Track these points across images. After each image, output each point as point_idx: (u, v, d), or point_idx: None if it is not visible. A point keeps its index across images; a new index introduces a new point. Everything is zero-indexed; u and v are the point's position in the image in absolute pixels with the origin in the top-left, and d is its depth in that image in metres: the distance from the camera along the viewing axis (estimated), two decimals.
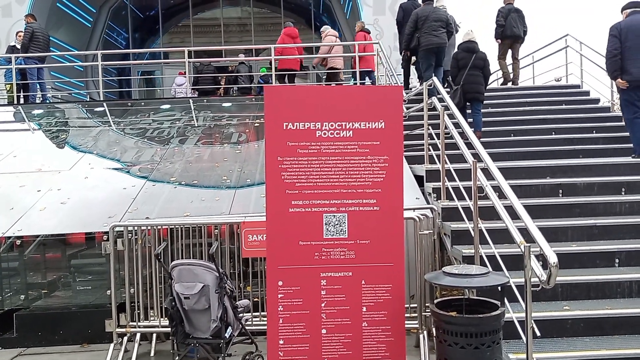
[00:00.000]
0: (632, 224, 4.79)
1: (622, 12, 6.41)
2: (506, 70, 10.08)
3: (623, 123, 6.72)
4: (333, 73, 10.80)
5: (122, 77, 18.31)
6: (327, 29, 11.31)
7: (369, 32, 11.05)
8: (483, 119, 7.57)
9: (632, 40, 6.04)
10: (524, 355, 3.23)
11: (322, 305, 3.57)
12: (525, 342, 3.23)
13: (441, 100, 5.71)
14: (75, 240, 5.52)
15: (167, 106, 9.98)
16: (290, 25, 11.21)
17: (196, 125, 8.75)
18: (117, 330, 4.67)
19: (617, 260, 4.45)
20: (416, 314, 4.52)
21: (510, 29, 9.62)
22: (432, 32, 8.43)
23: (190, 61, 11.03)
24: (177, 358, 4.01)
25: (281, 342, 3.54)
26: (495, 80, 11.97)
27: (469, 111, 7.65)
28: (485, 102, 7.86)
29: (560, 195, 5.30)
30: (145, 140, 8.09)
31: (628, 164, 5.87)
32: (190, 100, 10.03)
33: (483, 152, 4.34)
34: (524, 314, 3.24)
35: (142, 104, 10.41)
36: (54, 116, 9.46)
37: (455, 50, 8.16)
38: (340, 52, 10.79)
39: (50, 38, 11.88)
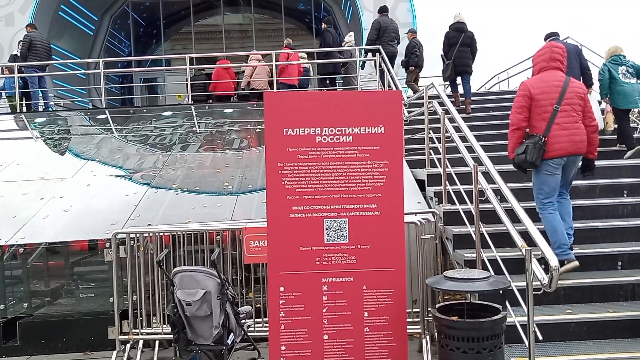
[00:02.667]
0: (634, 227, 4.78)
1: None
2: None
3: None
4: (258, 94, 11.18)
5: (124, 84, 18.38)
6: (252, 53, 11.90)
7: (292, 48, 11.39)
8: (486, 122, 7.67)
9: None
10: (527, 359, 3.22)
11: (324, 310, 3.56)
12: (527, 346, 3.21)
13: (442, 104, 5.71)
14: (78, 247, 5.54)
15: (169, 113, 10.01)
16: (223, 59, 11.71)
17: (198, 131, 8.78)
18: (120, 337, 4.68)
19: (619, 263, 4.44)
20: (419, 319, 4.52)
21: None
22: (389, 42, 9.85)
23: (192, 68, 11.05)
24: None
25: (283, 348, 3.54)
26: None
27: (459, 84, 8.84)
28: (483, 105, 8.15)
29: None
30: (147, 147, 8.11)
31: (629, 166, 5.86)
32: (192, 106, 10.05)
33: (484, 156, 4.34)
34: (526, 318, 3.23)
35: (144, 110, 10.44)
36: (56, 124, 9.51)
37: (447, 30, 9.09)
38: (262, 74, 11.17)
39: (53, 46, 11.95)
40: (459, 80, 8.99)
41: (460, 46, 8.74)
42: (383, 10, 10.53)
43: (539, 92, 4.33)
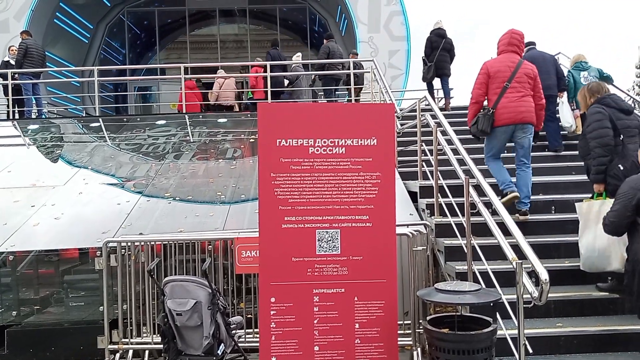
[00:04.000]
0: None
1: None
2: None
3: None
4: (226, 107, 11.80)
5: (118, 93, 18.37)
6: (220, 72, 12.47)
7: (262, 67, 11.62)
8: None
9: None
10: None
11: (315, 322, 3.56)
12: (518, 359, 3.22)
13: (434, 117, 5.75)
14: (69, 255, 5.50)
15: (162, 122, 10.01)
16: (189, 80, 12.17)
17: (191, 140, 8.78)
18: (110, 346, 4.65)
19: (610, 277, 4.46)
20: (410, 331, 4.51)
21: None
22: (336, 65, 10.87)
23: (187, 77, 11.08)
24: None
25: (274, 359, 3.52)
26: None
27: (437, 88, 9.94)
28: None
29: (553, 211, 5.33)
30: (141, 155, 8.10)
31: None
32: (186, 116, 10.06)
33: (475, 169, 4.38)
34: (516, 331, 3.24)
35: (138, 119, 10.44)
36: (49, 131, 9.49)
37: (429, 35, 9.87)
38: (230, 88, 11.74)
39: (47, 54, 11.94)
40: (437, 83, 10.12)
41: (441, 50, 9.58)
42: (330, 37, 11.61)
43: (495, 71, 5.14)
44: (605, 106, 4.39)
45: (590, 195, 4.59)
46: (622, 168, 4.22)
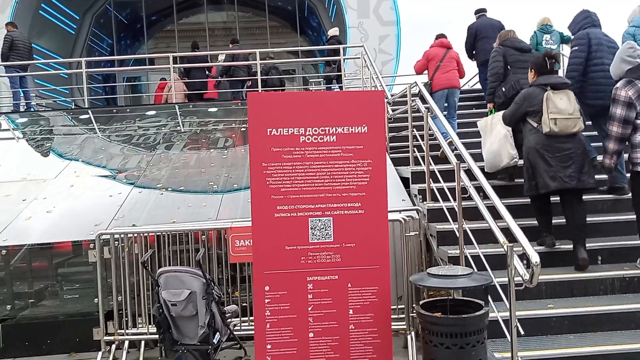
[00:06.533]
0: (614, 222, 4.86)
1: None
2: None
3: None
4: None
5: (107, 84, 18.18)
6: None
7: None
8: (469, 120, 7.80)
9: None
10: (509, 354, 3.28)
11: (309, 309, 3.59)
12: (509, 340, 3.27)
13: (425, 102, 5.76)
14: (62, 248, 5.49)
15: (152, 112, 9.94)
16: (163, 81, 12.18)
17: (182, 130, 8.73)
18: (105, 338, 4.66)
19: (599, 258, 4.52)
20: (404, 315, 4.56)
21: None
22: (242, 68, 11.07)
23: (176, 67, 10.98)
24: None
25: (269, 346, 3.56)
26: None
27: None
28: (466, 103, 9.08)
29: None
30: (131, 146, 8.06)
31: None
32: (176, 105, 9.99)
33: (465, 153, 4.40)
34: (508, 313, 3.29)
35: (128, 110, 10.35)
36: (38, 124, 9.39)
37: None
38: (179, 90, 11.53)
39: (34, 45, 11.79)
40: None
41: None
42: (235, 41, 11.85)
43: (432, 55, 7.72)
44: (503, 46, 5.81)
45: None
46: (504, 90, 5.58)
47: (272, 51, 13.08)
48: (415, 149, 5.92)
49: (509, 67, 5.67)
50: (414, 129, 5.95)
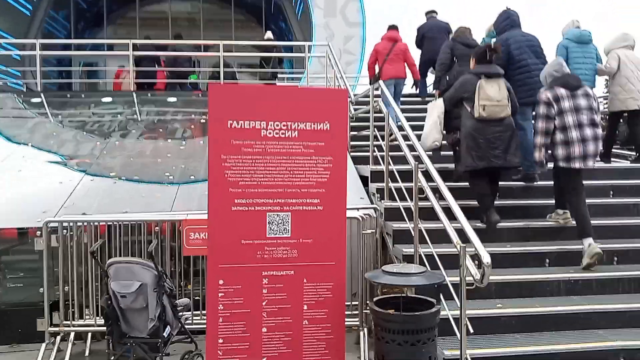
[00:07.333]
0: (562, 226, 5.03)
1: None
2: None
3: None
4: None
5: (62, 67, 17.52)
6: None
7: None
8: None
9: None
10: (458, 352, 3.34)
11: (263, 303, 3.56)
12: (459, 338, 3.34)
13: (387, 103, 5.82)
14: (7, 235, 5.26)
15: (108, 99, 9.66)
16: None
17: (139, 119, 8.51)
18: (50, 329, 4.51)
19: (547, 261, 4.68)
20: (357, 312, 4.59)
21: None
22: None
23: (135, 54, 10.68)
24: (112, 358, 3.90)
25: (220, 340, 3.50)
26: None
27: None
28: (424, 106, 8.97)
29: (498, 197, 5.50)
30: (85, 133, 7.80)
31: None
32: (134, 93, 9.73)
33: (424, 155, 4.46)
34: (458, 312, 3.35)
35: (82, 95, 10.02)
36: None
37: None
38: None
39: None
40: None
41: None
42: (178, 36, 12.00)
43: (381, 49, 8.59)
44: (454, 41, 6.27)
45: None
46: (447, 78, 6.05)
47: (237, 44, 12.87)
48: (375, 148, 5.97)
49: (455, 59, 6.12)
50: (375, 129, 6.00)
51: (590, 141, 4.63)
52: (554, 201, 5.16)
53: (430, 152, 5.47)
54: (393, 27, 8.78)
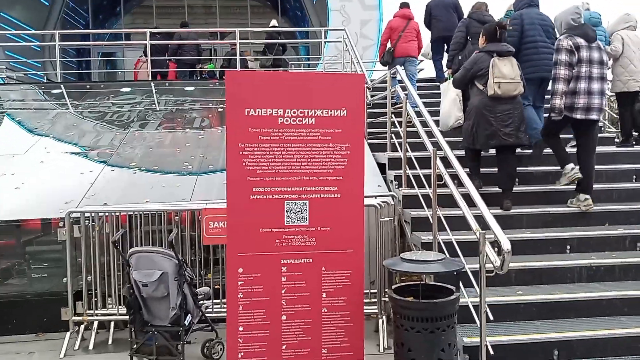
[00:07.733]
0: (583, 212, 4.96)
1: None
2: None
3: None
4: None
5: (81, 58, 17.70)
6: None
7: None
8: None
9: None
10: (478, 339, 3.33)
11: (282, 291, 3.59)
12: (479, 325, 3.32)
13: (404, 88, 5.75)
14: (30, 226, 5.35)
15: (127, 89, 9.72)
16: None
17: (157, 109, 8.56)
18: (74, 318, 4.59)
19: (568, 247, 4.62)
20: (376, 299, 4.59)
21: None
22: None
23: (153, 43, 10.73)
24: (135, 346, 3.97)
25: (241, 328, 3.55)
26: None
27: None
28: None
29: (517, 183, 5.44)
30: (104, 124, 7.87)
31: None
32: (152, 83, 9.79)
33: (442, 141, 4.42)
34: (478, 299, 3.33)
35: (102, 86, 10.09)
36: (7, 98, 9.10)
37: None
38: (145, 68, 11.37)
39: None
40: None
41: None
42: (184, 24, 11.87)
43: (395, 26, 8.52)
44: (469, 18, 6.34)
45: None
46: (460, 58, 6.19)
47: (253, 31, 12.84)
48: (393, 135, 5.92)
49: (469, 38, 6.21)
50: (393, 115, 5.95)
51: (596, 95, 4.73)
52: (573, 186, 5.08)
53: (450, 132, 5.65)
54: (405, 5, 8.84)
